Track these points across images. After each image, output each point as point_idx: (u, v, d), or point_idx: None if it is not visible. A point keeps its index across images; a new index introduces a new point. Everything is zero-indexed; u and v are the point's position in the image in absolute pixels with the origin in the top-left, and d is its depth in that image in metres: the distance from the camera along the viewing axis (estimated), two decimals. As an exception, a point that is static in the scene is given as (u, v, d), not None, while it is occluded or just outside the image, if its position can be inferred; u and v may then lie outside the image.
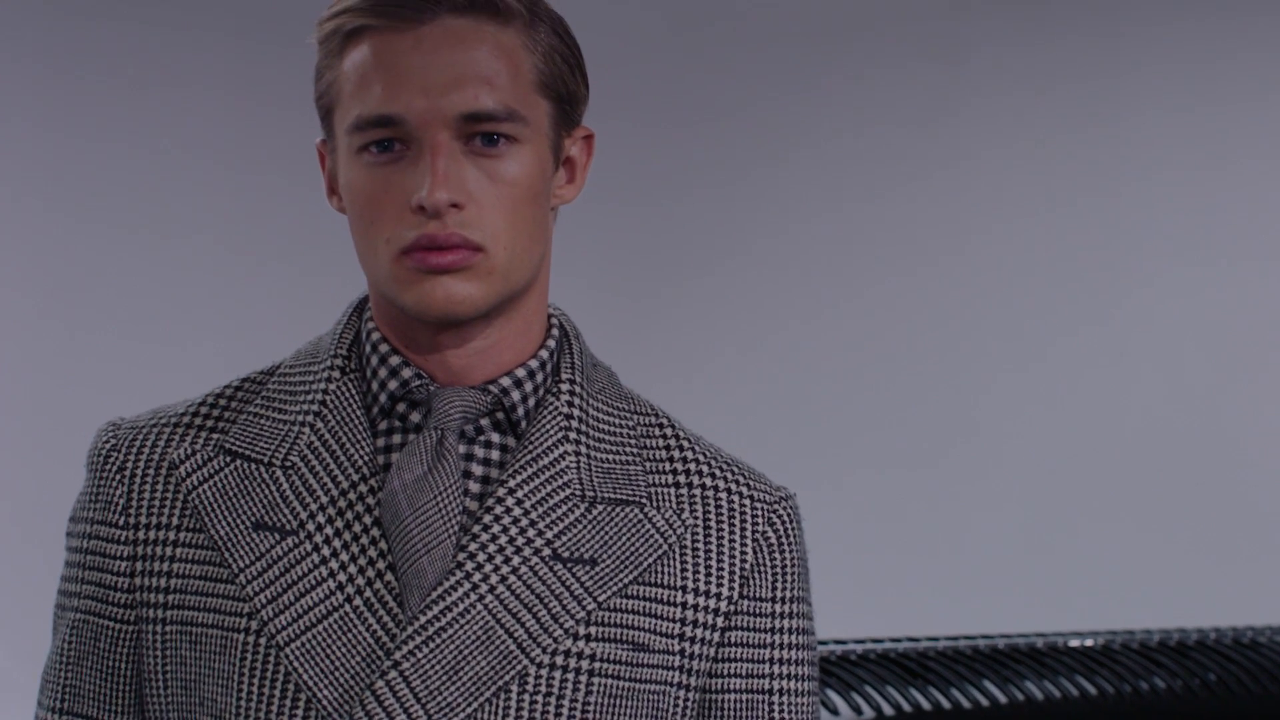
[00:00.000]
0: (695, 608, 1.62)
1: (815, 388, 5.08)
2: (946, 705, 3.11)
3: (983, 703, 3.15)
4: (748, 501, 1.65)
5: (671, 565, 1.62)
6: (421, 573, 1.56)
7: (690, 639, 1.61)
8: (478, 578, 1.57)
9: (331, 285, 2.64)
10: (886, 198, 5.09)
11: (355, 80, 1.57)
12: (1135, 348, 4.97)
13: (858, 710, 3.03)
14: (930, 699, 3.12)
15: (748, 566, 1.64)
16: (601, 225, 4.94)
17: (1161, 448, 4.93)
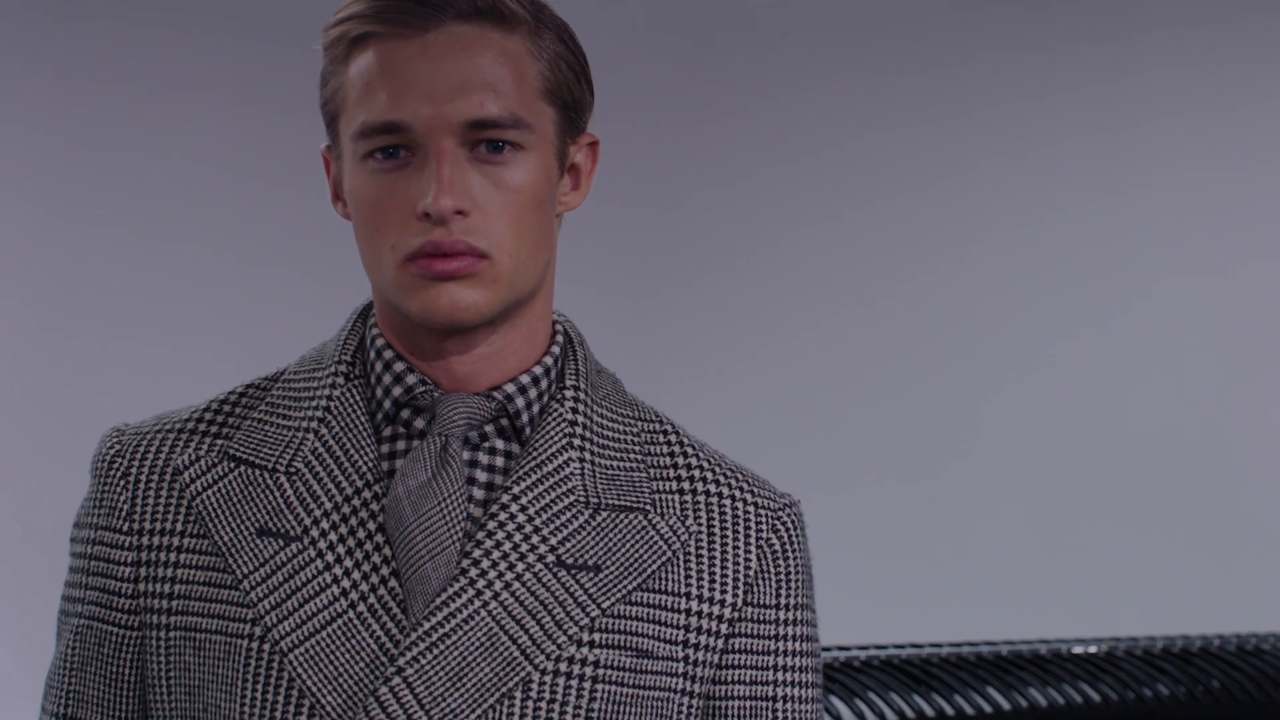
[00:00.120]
0: (699, 614, 1.62)
1: (818, 393, 5.08)
2: (950, 712, 3.11)
3: (986, 709, 3.15)
4: (752, 508, 1.65)
5: (675, 572, 1.62)
6: (425, 579, 1.56)
7: (694, 646, 1.61)
8: (481, 584, 1.57)
9: (336, 291, 2.64)
10: (890, 203, 5.09)
11: (361, 87, 1.57)
12: (1139, 355, 4.96)
13: (861, 717, 3.03)
14: (934, 705, 3.12)
15: (752, 573, 1.64)
16: (604, 229, 4.93)
17: (1164, 454, 4.93)
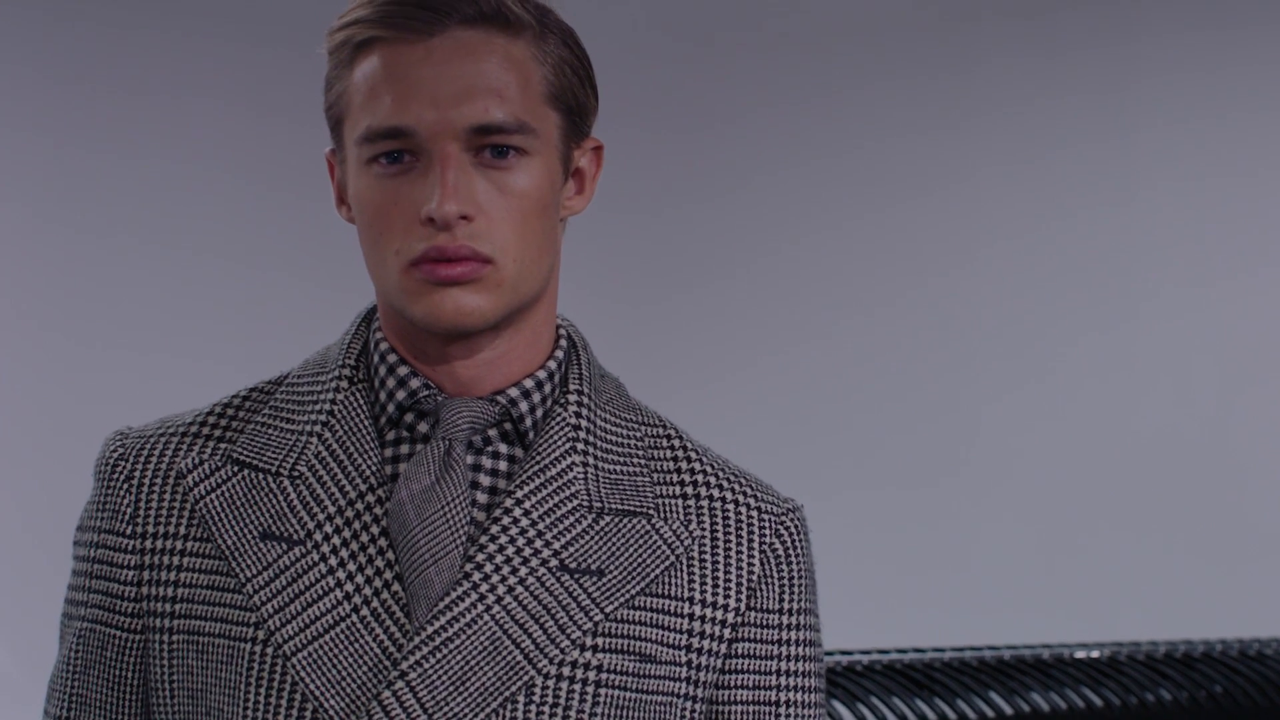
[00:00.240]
0: (702, 619, 1.62)
1: (821, 398, 5.08)
2: (952, 716, 3.11)
3: (988, 714, 3.15)
4: (755, 513, 1.65)
5: (679, 576, 1.62)
6: (429, 583, 1.56)
7: (697, 650, 1.61)
8: (485, 588, 1.57)
9: (340, 295, 2.64)
10: (892, 210, 5.09)
11: (365, 91, 1.57)
12: (1141, 361, 4.96)
13: (863, 721, 3.03)
14: (936, 710, 3.12)
15: (755, 578, 1.64)
16: (608, 234, 4.93)
17: (1167, 459, 4.93)
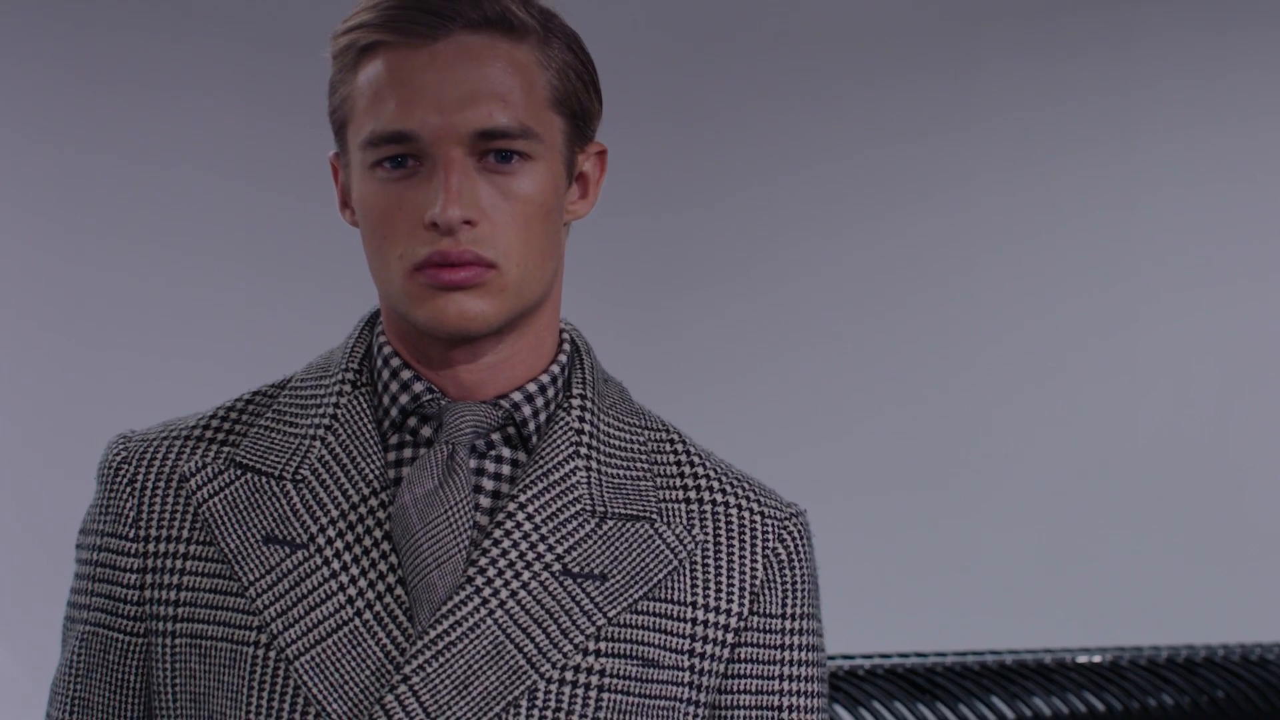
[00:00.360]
0: (705, 624, 1.62)
1: (824, 403, 5.08)
2: (954, 721, 3.11)
3: (990, 719, 3.15)
4: (758, 518, 1.65)
5: (682, 581, 1.62)
6: (431, 587, 1.56)
7: (700, 655, 1.61)
8: (488, 592, 1.57)
9: (343, 299, 2.63)
10: (896, 214, 5.09)
11: (369, 96, 1.57)
12: (1145, 365, 4.96)
13: (865, 725, 3.03)
14: (938, 715, 3.12)
15: (758, 583, 1.64)
16: (611, 238, 4.93)
17: (1169, 464, 4.93)
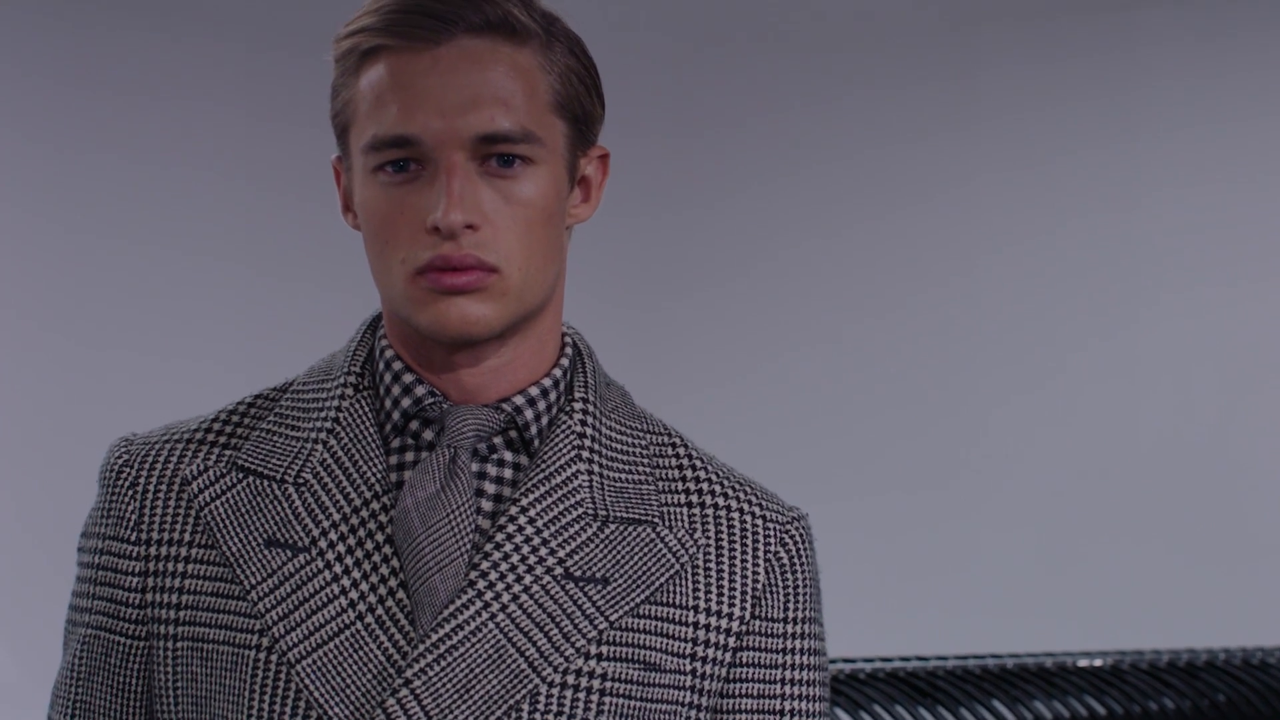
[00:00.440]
0: (707, 628, 1.61)
1: (825, 405, 5.08)
2: (955, 725, 3.10)
3: (991, 722, 3.15)
4: (760, 522, 1.65)
5: (683, 585, 1.62)
6: (433, 591, 1.56)
7: (702, 659, 1.61)
8: (489, 596, 1.57)
9: (345, 302, 2.64)
10: (897, 215, 5.09)
11: (371, 100, 1.57)
12: (1144, 367, 4.96)
13: (866, 729, 3.03)
14: (939, 718, 3.12)
15: (759, 587, 1.64)
16: (613, 241, 4.93)
17: (1170, 467, 4.93)
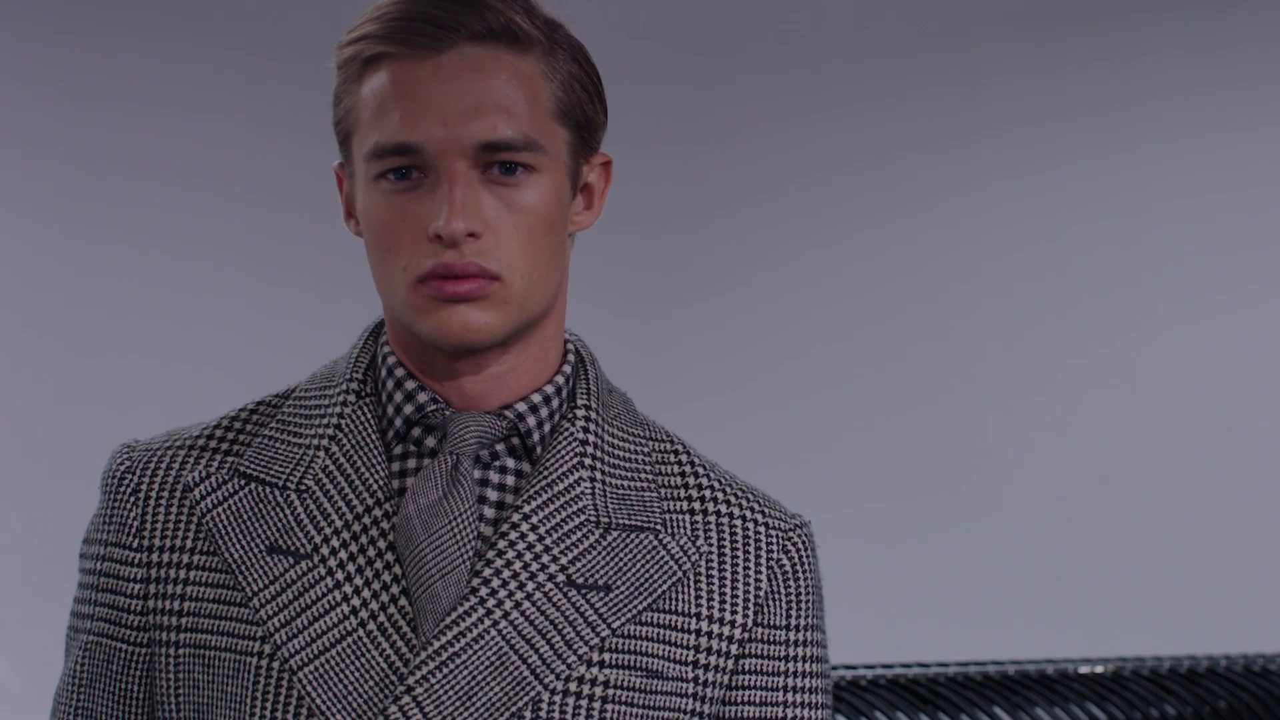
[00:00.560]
0: (709, 635, 1.61)
1: (827, 412, 5.08)
2: (957, 731, 3.10)
3: (993, 729, 3.15)
4: (762, 529, 1.65)
5: (686, 592, 1.62)
6: (436, 598, 1.56)
7: (704, 666, 1.61)
8: (492, 603, 1.57)
9: (347, 308, 2.64)
10: (899, 222, 5.09)
11: (373, 107, 1.57)
12: (1145, 374, 4.96)
13: (868, 736, 3.03)
14: (940, 725, 3.12)
15: (762, 594, 1.64)
16: (615, 248, 4.93)
17: (1172, 474, 4.92)
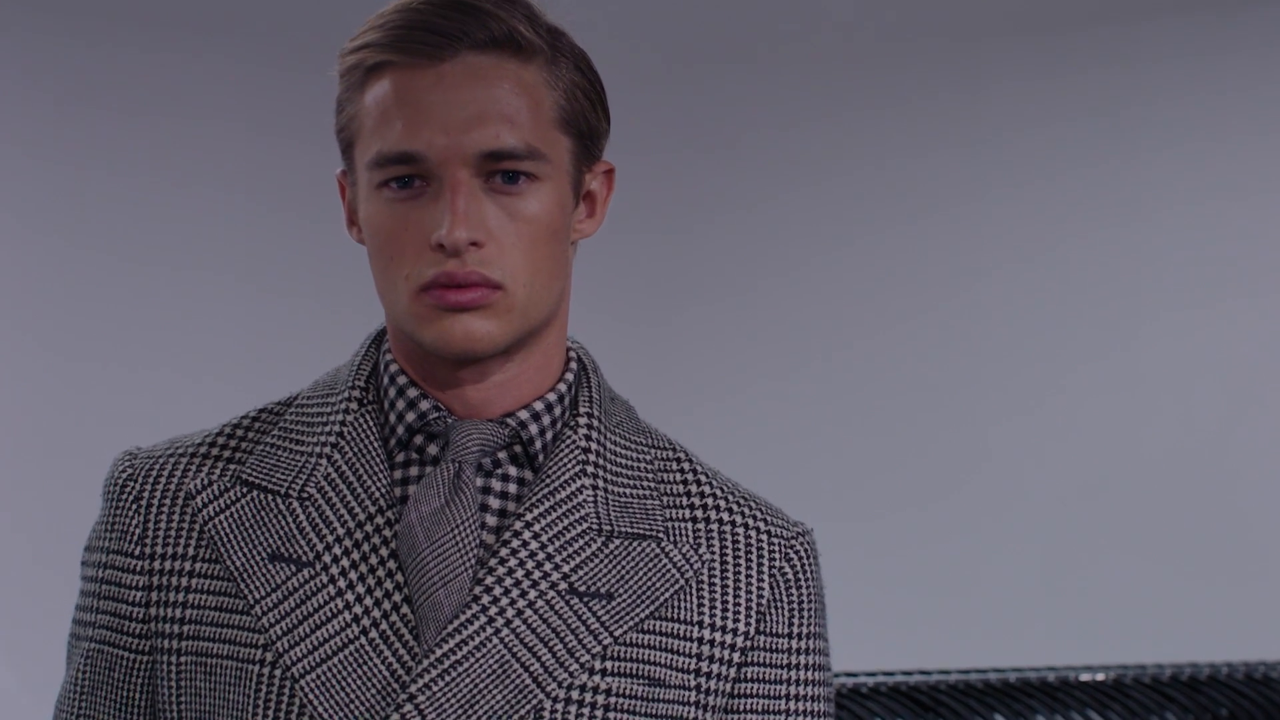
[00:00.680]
0: (712, 643, 1.61)
1: (829, 420, 5.07)
2: (958, 739, 3.10)
3: (994, 736, 3.15)
4: (764, 537, 1.65)
5: (688, 600, 1.61)
6: (438, 606, 1.56)
7: (706, 674, 1.61)
8: (494, 611, 1.56)
9: (349, 316, 2.64)
10: (900, 230, 5.09)
11: (376, 116, 1.57)
12: (1146, 382, 4.96)
13: (869, 743, 3.03)
14: (941, 732, 3.11)
15: (764, 602, 1.64)
16: (617, 255, 4.93)
17: (1173, 481, 4.92)
